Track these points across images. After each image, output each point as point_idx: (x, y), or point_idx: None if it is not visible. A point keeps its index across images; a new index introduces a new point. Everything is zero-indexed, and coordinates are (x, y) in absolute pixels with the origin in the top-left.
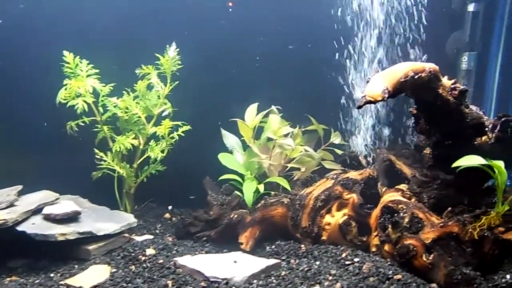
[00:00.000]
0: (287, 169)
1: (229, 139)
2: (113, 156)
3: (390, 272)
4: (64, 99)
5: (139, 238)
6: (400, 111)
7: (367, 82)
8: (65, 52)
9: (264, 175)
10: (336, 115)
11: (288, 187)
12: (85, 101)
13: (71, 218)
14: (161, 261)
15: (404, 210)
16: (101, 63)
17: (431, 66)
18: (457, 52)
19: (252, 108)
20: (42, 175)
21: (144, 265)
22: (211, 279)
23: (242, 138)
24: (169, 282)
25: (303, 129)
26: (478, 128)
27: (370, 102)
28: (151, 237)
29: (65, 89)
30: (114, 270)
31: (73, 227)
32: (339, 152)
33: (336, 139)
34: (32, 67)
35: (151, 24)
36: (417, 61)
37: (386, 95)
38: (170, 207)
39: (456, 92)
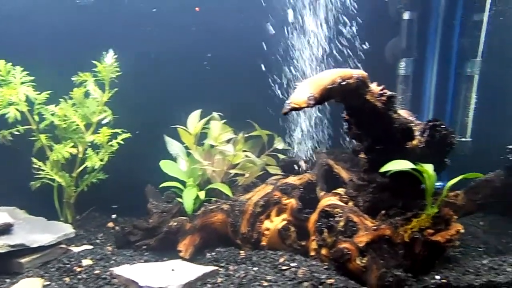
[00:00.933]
0: (232, 175)
1: (173, 146)
2: (51, 165)
3: (324, 276)
4: None
5: (76, 249)
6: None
7: (294, 89)
8: None
9: (209, 181)
10: (280, 120)
11: (230, 193)
12: (18, 110)
13: (3, 230)
14: (97, 271)
15: (340, 214)
16: (38, 71)
17: (359, 72)
18: (395, 58)
19: (195, 115)
20: None
21: (79, 276)
22: None
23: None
24: None
25: (246, 135)
26: (406, 133)
27: (295, 109)
28: (90, 247)
29: None
30: (47, 283)
31: (3, 240)
32: (282, 157)
33: (279, 144)
34: None
35: (90, 30)
36: (347, 68)
37: (312, 102)
38: (114, 216)
39: (384, 98)
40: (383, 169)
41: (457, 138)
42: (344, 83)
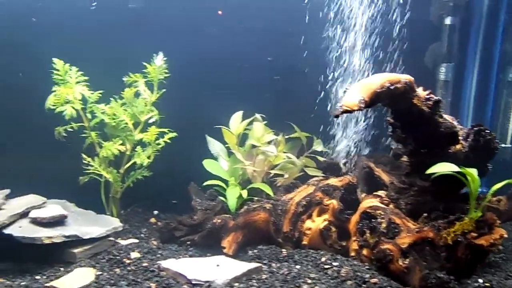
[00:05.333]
0: (271, 175)
1: (214, 145)
2: (100, 161)
3: (367, 275)
4: (53, 105)
5: (124, 242)
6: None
7: (345, 92)
8: (55, 60)
9: (248, 181)
10: (319, 123)
11: (271, 193)
12: (73, 107)
13: (58, 221)
14: (145, 264)
15: (382, 216)
16: (90, 70)
17: (406, 77)
18: (435, 63)
19: (237, 116)
20: (29, 179)
21: (129, 268)
22: (193, 282)
23: (227, 145)
24: (153, 285)
25: (286, 137)
26: (451, 137)
27: (347, 111)
28: (136, 241)
29: (54, 95)
30: (99, 273)
31: (59, 231)
32: (321, 159)
33: (318, 146)
34: (22, 71)
35: (140, 31)
36: (394, 73)
37: (363, 105)
38: (155, 212)
39: (431, 103)
40: (429, 171)
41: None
42: (392, 87)
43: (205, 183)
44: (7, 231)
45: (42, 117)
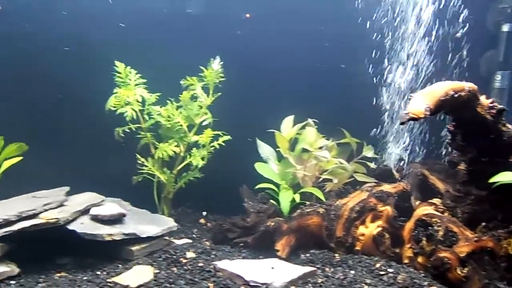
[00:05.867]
0: (320, 180)
1: (264, 149)
2: (153, 162)
3: (425, 283)
4: (114, 107)
5: (178, 242)
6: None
7: (409, 100)
8: (117, 62)
9: (298, 185)
10: (369, 128)
11: (323, 198)
12: (132, 109)
13: (117, 219)
14: (201, 264)
15: (438, 224)
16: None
17: (470, 85)
18: (490, 71)
19: (288, 120)
20: (82, 178)
21: (185, 267)
22: (251, 283)
23: (277, 149)
24: (211, 285)
25: (336, 142)
26: None
27: (413, 119)
28: (190, 241)
29: (115, 97)
30: (157, 271)
31: (118, 228)
32: (371, 165)
33: (368, 152)
34: (80, 73)
35: (196, 36)
36: (458, 81)
37: (428, 113)
38: (204, 213)
39: (494, 111)
40: (493, 179)
41: None
42: (456, 95)
43: (257, 186)
44: (70, 227)
45: (98, 118)
